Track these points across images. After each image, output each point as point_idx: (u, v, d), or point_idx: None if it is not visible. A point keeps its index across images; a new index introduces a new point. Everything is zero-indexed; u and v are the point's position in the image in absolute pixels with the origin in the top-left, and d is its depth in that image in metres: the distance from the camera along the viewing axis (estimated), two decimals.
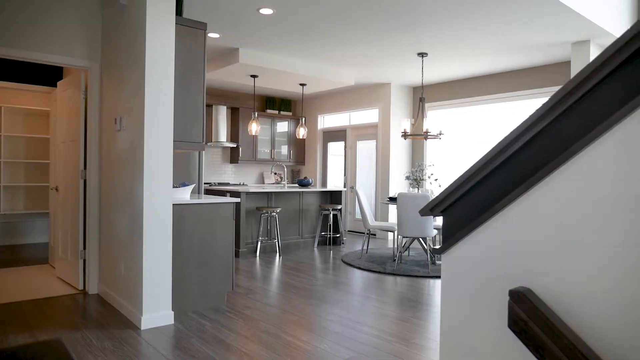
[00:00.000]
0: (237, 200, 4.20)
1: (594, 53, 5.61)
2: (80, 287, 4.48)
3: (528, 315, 1.14)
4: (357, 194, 6.55)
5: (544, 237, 1.26)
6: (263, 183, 9.91)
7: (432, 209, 1.49)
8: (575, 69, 5.68)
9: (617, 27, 5.30)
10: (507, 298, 1.31)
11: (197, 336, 3.32)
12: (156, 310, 3.54)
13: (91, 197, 4.39)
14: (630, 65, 1.11)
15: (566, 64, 6.44)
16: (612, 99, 1.12)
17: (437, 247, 1.52)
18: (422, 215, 1.56)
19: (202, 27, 3.91)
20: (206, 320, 3.66)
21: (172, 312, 3.63)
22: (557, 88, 6.60)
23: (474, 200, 1.40)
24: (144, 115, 3.48)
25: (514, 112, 7.17)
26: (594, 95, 1.17)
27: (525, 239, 1.30)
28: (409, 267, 5.76)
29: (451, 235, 1.45)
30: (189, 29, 3.84)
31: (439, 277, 5.33)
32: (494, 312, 1.35)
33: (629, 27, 4.69)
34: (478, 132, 7.62)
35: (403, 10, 4.68)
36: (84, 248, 4.48)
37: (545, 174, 1.22)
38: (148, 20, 3.46)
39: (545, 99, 6.72)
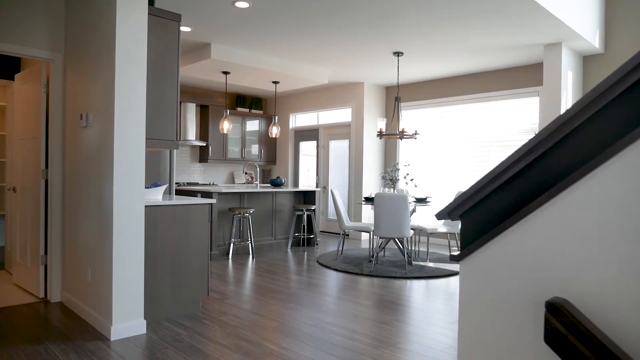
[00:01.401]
0: (213, 201, 4.01)
1: (565, 55, 5.72)
2: (41, 295, 4.18)
3: (568, 329, 1.06)
4: (332, 194, 6.45)
5: (578, 244, 1.18)
6: (233, 183, 9.68)
7: (449, 212, 1.39)
8: (547, 71, 5.77)
9: (587, 31, 5.41)
10: (538, 309, 1.22)
11: (173, 346, 3.12)
12: (127, 319, 3.31)
13: (53, 198, 4.10)
14: None
15: (539, 66, 6.55)
16: None
17: (456, 253, 1.42)
18: (438, 219, 1.46)
19: (176, 18, 3.70)
20: (181, 329, 3.46)
21: (145, 321, 3.41)
22: (530, 89, 6.71)
23: (498, 204, 1.31)
24: (113, 111, 3.25)
25: (488, 112, 7.24)
26: (635, 92, 1.09)
27: (557, 245, 1.21)
28: (385, 268, 5.70)
29: (471, 241, 1.36)
30: (162, 20, 3.63)
31: (416, 277, 5.29)
32: (524, 325, 1.26)
33: (598, 31, 4.76)
34: (451, 132, 7.67)
35: (380, 9, 4.60)
36: (46, 253, 4.18)
37: (579, 176, 1.14)
38: (118, 8, 3.23)
39: (519, 100, 6.83)
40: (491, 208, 1.33)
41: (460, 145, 7.54)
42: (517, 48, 5.92)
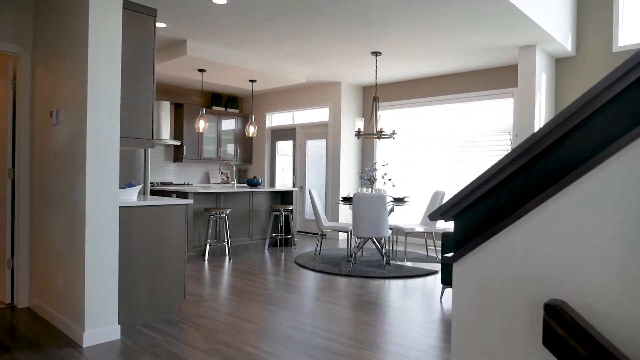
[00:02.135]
0: (190, 201, 3.91)
1: (539, 57, 5.83)
2: (8, 301, 3.99)
3: (567, 331, 1.04)
4: (310, 194, 6.40)
5: (575, 245, 1.17)
6: (209, 183, 9.52)
7: (443, 213, 1.36)
8: (522, 72, 5.87)
9: (560, 34, 5.53)
10: (535, 311, 1.21)
11: (149, 352, 3.02)
12: (100, 325, 3.19)
13: (21, 199, 3.92)
14: None
15: (514, 67, 6.66)
16: None
17: (449, 255, 1.39)
18: (431, 220, 1.43)
19: (151, 13, 3.59)
20: (157, 334, 3.36)
21: (119, 326, 3.28)
22: (505, 90, 6.82)
23: (493, 204, 1.29)
24: (86, 108, 3.12)
25: (464, 113, 7.32)
26: (634, 91, 1.08)
27: (554, 246, 1.20)
28: (364, 268, 5.69)
29: (465, 243, 1.33)
30: (138, 15, 3.51)
31: (394, 277, 5.30)
32: (521, 327, 1.24)
33: (570, 34, 4.87)
34: (428, 132, 7.73)
35: (359, 9, 4.58)
36: (12, 256, 3.99)
37: (577, 176, 1.13)
38: (91, 0, 3.10)
39: (494, 101, 6.93)
40: (486, 209, 1.31)
41: (437, 145, 7.61)
42: (493, 50, 6.01)
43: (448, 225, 6.86)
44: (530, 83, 5.82)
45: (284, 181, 9.61)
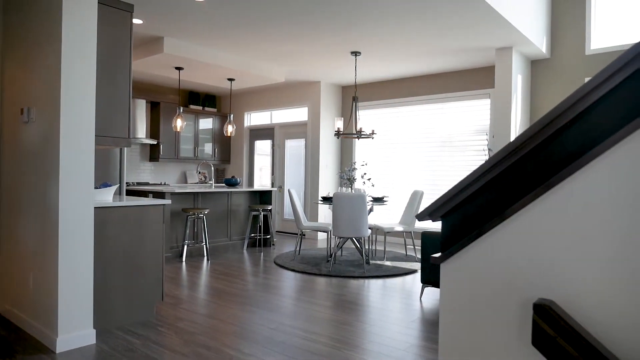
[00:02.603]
0: (168, 202, 3.83)
1: (515, 59, 5.93)
2: None
3: (556, 331, 1.05)
4: (290, 194, 6.36)
5: (563, 245, 1.17)
6: (186, 183, 9.38)
7: (430, 213, 1.35)
8: (498, 74, 5.97)
9: (535, 36, 5.64)
10: (524, 311, 1.21)
11: (125, 356, 2.93)
12: (74, 330, 3.09)
13: None
14: None
15: (491, 69, 6.76)
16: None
17: (436, 255, 1.38)
18: (419, 220, 1.42)
19: (128, 8, 3.49)
20: (134, 337, 3.27)
21: (94, 330, 3.19)
22: (482, 91, 6.91)
23: (481, 204, 1.28)
24: (59, 106, 3.02)
25: (441, 113, 7.40)
26: (625, 87, 1.09)
27: (542, 246, 1.20)
28: (344, 268, 5.68)
29: (453, 243, 1.33)
30: (114, 10, 3.41)
31: (374, 277, 5.31)
32: (510, 328, 1.24)
33: (545, 37, 4.97)
34: (406, 132, 7.78)
35: (338, 8, 4.57)
36: None
37: (565, 175, 1.14)
38: None
39: (471, 102, 7.02)
40: (474, 208, 1.31)
41: (415, 145, 7.66)
42: (471, 51, 6.08)
43: (428, 225, 6.92)
44: (506, 84, 5.92)
45: (261, 181, 9.54)
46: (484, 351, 1.30)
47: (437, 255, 1.37)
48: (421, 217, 1.41)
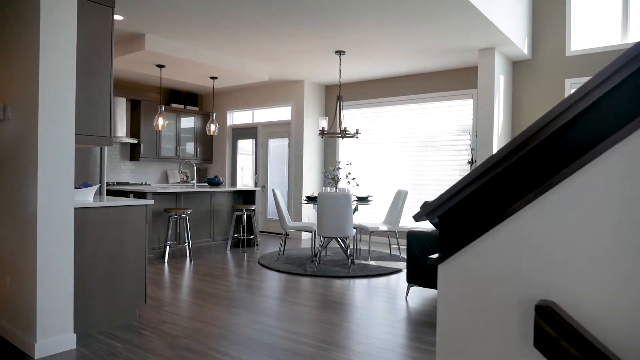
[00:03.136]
0: (151, 202, 3.75)
1: (498, 60, 6.00)
2: None
3: (558, 333, 1.04)
4: (274, 193, 6.31)
5: (565, 245, 1.17)
6: (167, 182, 9.23)
7: (428, 213, 1.34)
8: (481, 74, 6.02)
9: (517, 37, 5.71)
10: (526, 313, 1.20)
11: None
12: (54, 334, 2.99)
13: None
14: None
15: (474, 69, 6.82)
16: None
17: (434, 256, 1.36)
18: (416, 220, 1.40)
19: (109, 4, 3.40)
20: (116, 341, 3.19)
21: (75, 335, 3.09)
22: (465, 92, 6.97)
23: (480, 203, 1.27)
24: (37, 103, 2.92)
25: (424, 113, 7.43)
26: (625, 86, 1.09)
27: (544, 246, 1.19)
28: (329, 268, 5.66)
29: (451, 243, 1.31)
30: (94, 5, 3.32)
31: (359, 276, 5.31)
32: (511, 330, 1.22)
33: (526, 39, 5.02)
34: (390, 132, 7.80)
35: (323, 6, 4.55)
36: None
37: (567, 174, 1.13)
38: None
39: (454, 102, 7.07)
40: (473, 208, 1.29)
41: (398, 145, 7.69)
42: (454, 51, 6.13)
43: (413, 224, 6.95)
44: (489, 84, 5.98)
45: (244, 180, 9.46)
46: (484, 354, 1.29)
47: (435, 256, 1.36)
48: (418, 217, 1.39)
